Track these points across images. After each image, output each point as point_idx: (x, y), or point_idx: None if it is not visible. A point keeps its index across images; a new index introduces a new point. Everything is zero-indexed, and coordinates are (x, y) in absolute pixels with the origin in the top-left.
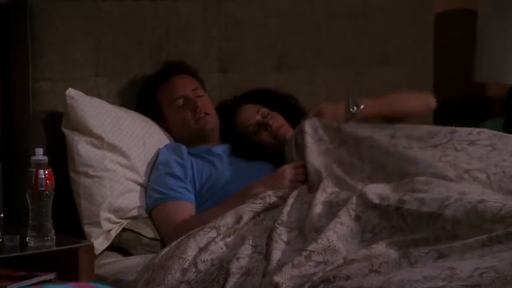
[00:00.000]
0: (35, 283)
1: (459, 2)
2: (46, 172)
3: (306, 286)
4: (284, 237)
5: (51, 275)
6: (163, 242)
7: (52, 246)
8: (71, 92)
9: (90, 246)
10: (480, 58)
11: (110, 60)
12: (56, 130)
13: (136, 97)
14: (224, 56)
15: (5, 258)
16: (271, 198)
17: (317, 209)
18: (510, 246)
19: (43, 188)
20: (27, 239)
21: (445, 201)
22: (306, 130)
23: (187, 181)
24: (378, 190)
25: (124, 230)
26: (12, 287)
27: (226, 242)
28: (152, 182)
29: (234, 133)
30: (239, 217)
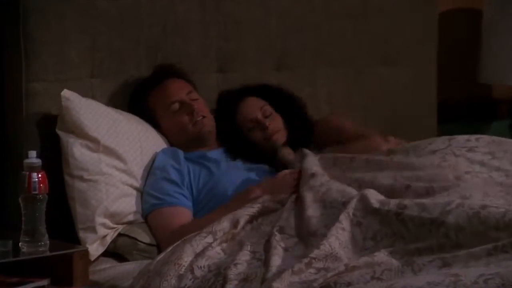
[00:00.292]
0: None
1: (464, 1)
2: (40, 175)
3: None
4: (282, 244)
5: (45, 281)
6: (160, 248)
7: (45, 252)
8: (66, 93)
9: (85, 252)
10: (485, 59)
11: (106, 60)
12: (50, 132)
13: (127, 102)
14: (223, 56)
15: None
16: (269, 203)
17: (310, 211)
18: None
19: (36, 191)
20: (20, 245)
21: (446, 206)
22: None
23: (184, 186)
24: (378, 196)
25: (120, 235)
26: None
27: (223, 247)
28: (148, 187)
29: (232, 124)
30: (236, 221)
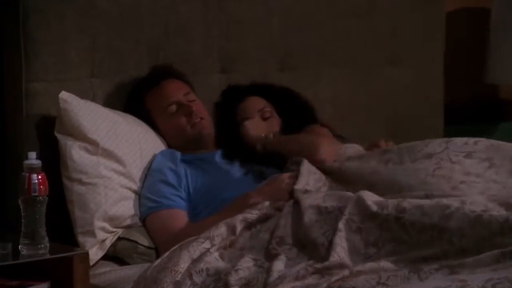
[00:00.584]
0: None
1: (471, 1)
2: (40, 176)
3: None
4: (284, 254)
5: (45, 285)
6: (158, 251)
7: (45, 254)
8: (64, 95)
9: (85, 255)
10: (493, 59)
11: (106, 60)
12: (50, 133)
13: (124, 103)
14: (225, 56)
15: None
16: (268, 209)
17: (306, 218)
18: None
19: (36, 193)
20: (20, 247)
21: (446, 209)
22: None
23: (181, 188)
24: (374, 198)
25: (119, 238)
26: None
27: (222, 254)
28: (145, 190)
29: (231, 123)
30: (234, 227)
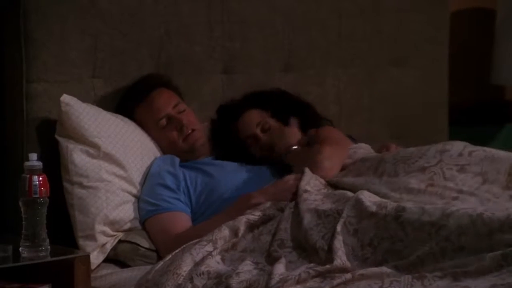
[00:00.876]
0: None
1: (476, 1)
2: (40, 178)
3: None
4: (285, 258)
5: (46, 287)
6: (159, 254)
7: (46, 257)
8: (66, 98)
9: (86, 257)
10: (498, 59)
11: (108, 61)
12: (50, 134)
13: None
14: (228, 56)
15: None
16: (271, 210)
17: (305, 221)
18: None
19: (37, 195)
20: (20, 249)
21: (446, 209)
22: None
23: (180, 191)
24: (374, 198)
25: (120, 241)
26: None
27: (224, 256)
28: (144, 194)
29: (234, 137)
30: (237, 229)
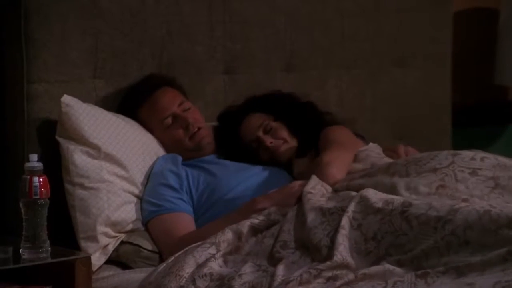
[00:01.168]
0: None
1: (479, 1)
2: (41, 179)
3: None
4: (288, 258)
5: None
6: (161, 256)
7: (47, 258)
8: (66, 99)
9: (88, 258)
10: (501, 60)
11: (109, 61)
12: (51, 135)
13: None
14: (229, 57)
15: None
16: (275, 216)
17: (309, 220)
18: None
19: (38, 196)
20: (21, 251)
21: (454, 205)
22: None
23: (183, 191)
24: (380, 195)
25: (122, 243)
26: None
27: (226, 259)
28: (146, 194)
29: (238, 143)
30: (240, 232)
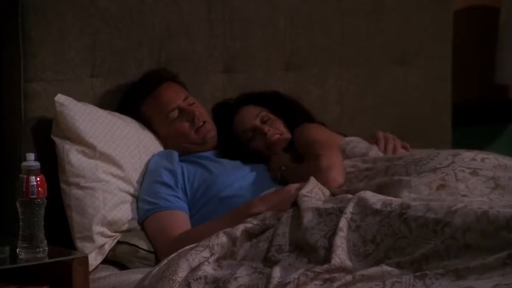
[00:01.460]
0: None
1: None
2: (38, 178)
3: None
4: (284, 262)
5: None
6: (157, 256)
7: (44, 258)
8: (61, 98)
9: (85, 258)
10: (502, 58)
11: (107, 59)
12: (49, 134)
13: (118, 109)
14: (229, 55)
15: None
16: (270, 220)
17: (306, 220)
18: None
19: (35, 195)
20: (18, 251)
21: (452, 206)
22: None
23: (178, 188)
24: (378, 197)
25: (119, 243)
26: None
27: (221, 264)
28: (141, 193)
29: (229, 134)
30: (235, 237)
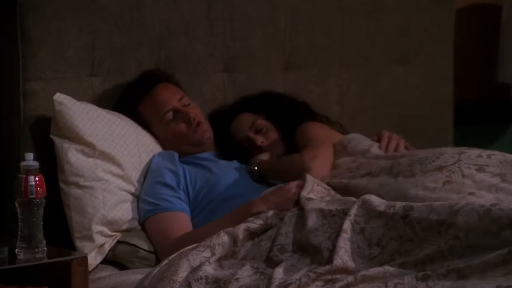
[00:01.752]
0: None
1: None
2: (37, 178)
3: None
4: (286, 262)
5: None
6: (157, 256)
7: (43, 258)
8: (59, 97)
9: (84, 259)
10: (504, 57)
11: (107, 59)
12: (48, 133)
13: (115, 109)
14: (229, 54)
15: None
16: (272, 220)
17: (310, 222)
18: None
19: (33, 195)
20: (16, 251)
21: (454, 205)
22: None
23: (180, 189)
24: (381, 200)
25: (119, 242)
26: None
27: (222, 264)
28: (143, 193)
29: (227, 140)
30: (236, 236)
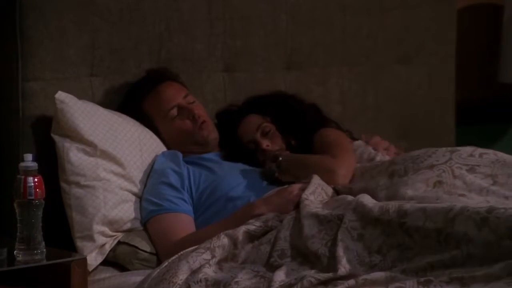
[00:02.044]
0: None
1: None
2: (36, 179)
3: None
4: (287, 267)
5: None
6: (158, 257)
7: (42, 260)
8: (61, 96)
9: (83, 260)
10: (506, 57)
11: (106, 58)
12: (47, 134)
13: (120, 108)
14: (229, 54)
15: None
16: (273, 222)
17: (306, 229)
18: None
19: (32, 196)
20: (15, 253)
21: (449, 212)
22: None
23: (184, 190)
24: (374, 201)
25: (119, 243)
26: None
27: (222, 266)
28: (146, 193)
29: (234, 141)
30: (236, 239)
